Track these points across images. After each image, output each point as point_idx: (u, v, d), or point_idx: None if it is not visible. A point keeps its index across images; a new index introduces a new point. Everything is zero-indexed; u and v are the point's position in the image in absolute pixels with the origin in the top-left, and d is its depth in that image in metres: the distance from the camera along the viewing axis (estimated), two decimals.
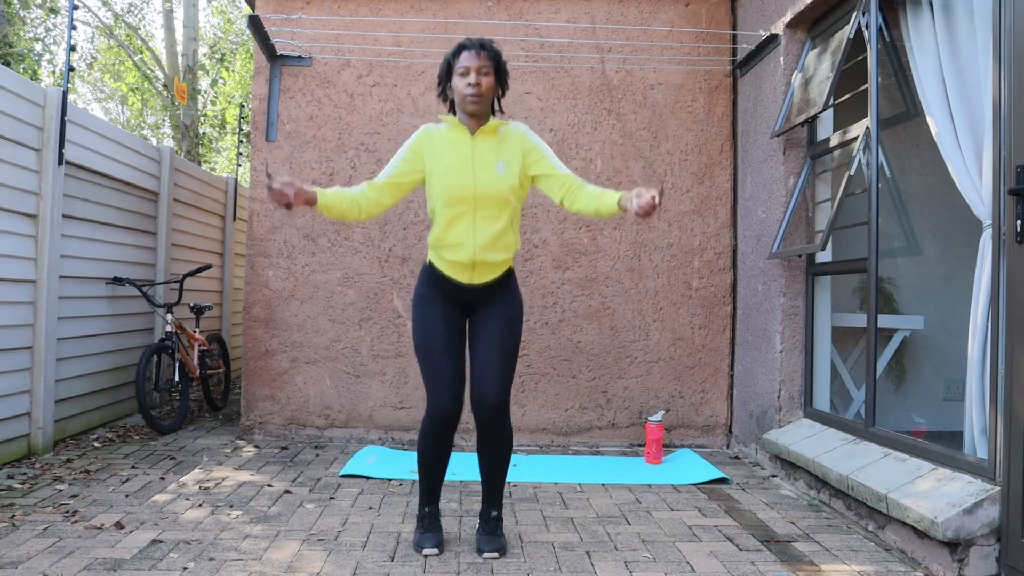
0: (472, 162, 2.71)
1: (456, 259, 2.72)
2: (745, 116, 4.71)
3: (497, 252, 2.74)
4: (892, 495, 2.84)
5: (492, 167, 2.72)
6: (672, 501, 3.56)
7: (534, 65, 4.82)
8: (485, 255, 2.72)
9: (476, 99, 2.67)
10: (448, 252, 2.74)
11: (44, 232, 4.18)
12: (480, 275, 2.75)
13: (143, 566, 2.59)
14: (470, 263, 2.72)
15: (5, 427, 3.93)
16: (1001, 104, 2.60)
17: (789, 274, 4.09)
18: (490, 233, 2.71)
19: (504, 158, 2.74)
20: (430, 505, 2.89)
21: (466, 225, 2.70)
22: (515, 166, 2.75)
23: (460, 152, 2.73)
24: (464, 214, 2.70)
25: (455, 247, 2.72)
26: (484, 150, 2.73)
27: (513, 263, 2.88)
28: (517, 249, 2.84)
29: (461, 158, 2.72)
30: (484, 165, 2.71)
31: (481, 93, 2.67)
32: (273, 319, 4.76)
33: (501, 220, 2.73)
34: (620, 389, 4.79)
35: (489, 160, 2.72)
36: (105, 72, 16.24)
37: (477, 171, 2.71)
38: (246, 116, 10.03)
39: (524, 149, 2.77)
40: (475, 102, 2.67)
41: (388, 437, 4.75)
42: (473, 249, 2.71)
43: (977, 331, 2.87)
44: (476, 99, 2.67)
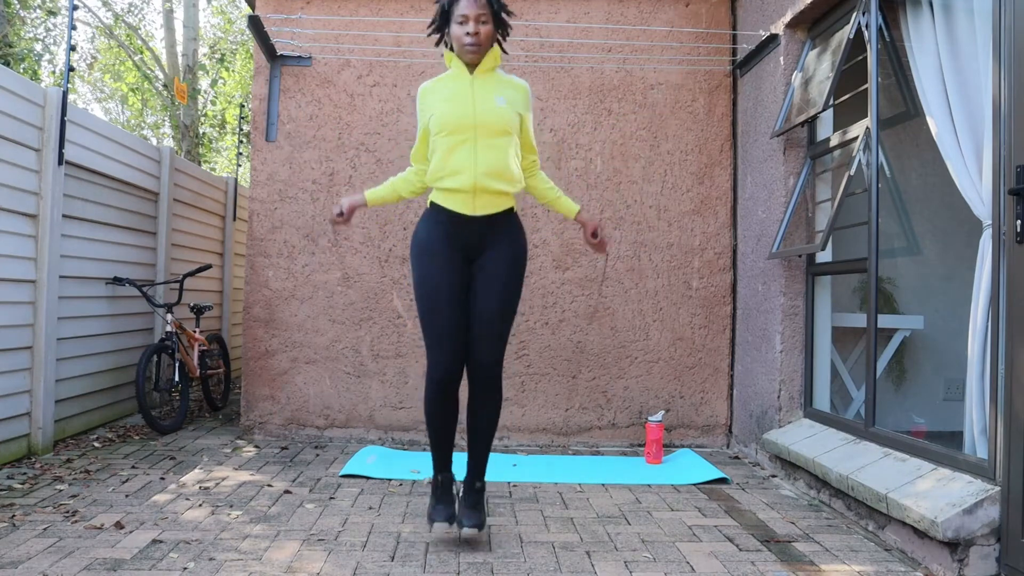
0: (472, 94, 2.75)
1: (456, 185, 2.71)
2: (745, 116, 4.71)
3: (499, 180, 2.73)
4: (892, 495, 2.84)
5: (492, 99, 2.75)
6: (672, 501, 3.56)
7: (534, 65, 4.82)
8: (486, 181, 2.70)
9: (474, 48, 2.70)
10: (448, 180, 2.73)
11: (44, 232, 4.18)
12: (482, 205, 2.73)
13: (143, 566, 2.59)
14: (471, 189, 2.71)
15: (5, 427, 3.93)
16: (1001, 104, 2.60)
17: (789, 274, 4.09)
18: (491, 159, 2.71)
19: (505, 95, 2.78)
20: (442, 472, 2.87)
21: (467, 152, 2.71)
22: (516, 105, 2.79)
23: (460, 86, 2.77)
24: (464, 141, 2.71)
25: (455, 174, 2.71)
26: (484, 84, 2.77)
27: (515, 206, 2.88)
28: (521, 186, 2.84)
29: (461, 90, 2.76)
30: (484, 97, 2.75)
31: (479, 42, 2.69)
32: (273, 319, 4.76)
33: (502, 149, 2.73)
34: (620, 389, 4.79)
35: (489, 93, 2.76)
36: (105, 72, 16.25)
37: (477, 101, 2.73)
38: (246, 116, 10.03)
39: (525, 102, 2.83)
40: (473, 51, 2.71)
41: (388, 437, 4.75)
42: (474, 174, 2.70)
43: (977, 331, 2.87)
44: (474, 48, 2.70)
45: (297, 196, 4.78)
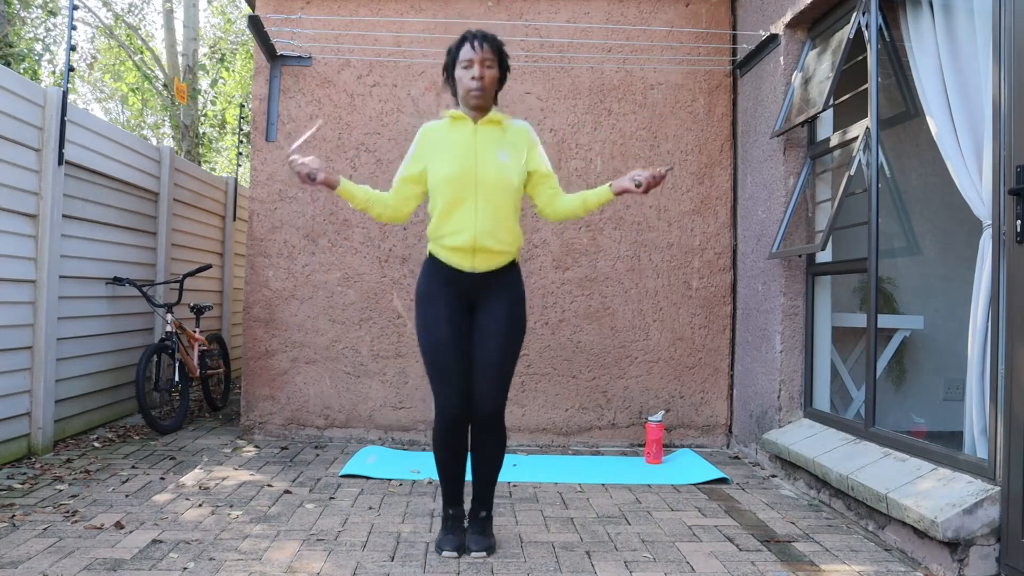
0: (474, 149, 2.73)
1: (456, 244, 2.70)
2: (745, 116, 4.71)
3: (498, 240, 2.71)
4: (892, 495, 2.84)
5: (494, 154, 2.73)
6: (672, 501, 3.56)
7: (534, 65, 4.82)
8: (486, 241, 2.69)
9: (479, 92, 2.69)
10: (448, 239, 2.71)
11: (44, 232, 4.18)
12: (482, 262, 2.73)
13: (143, 566, 2.59)
14: (470, 248, 2.70)
15: (5, 427, 3.93)
16: (1001, 104, 2.60)
17: (789, 274, 4.09)
18: (491, 218, 2.70)
19: (506, 148, 2.75)
20: (453, 507, 2.85)
21: (467, 210, 2.69)
22: (518, 156, 2.77)
23: (462, 139, 2.75)
24: (465, 199, 2.69)
25: (455, 233, 2.70)
26: (486, 138, 2.75)
27: (518, 258, 2.87)
28: (520, 244, 2.82)
29: (463, 144, 2.73)
30: (486, 152, 2.72)
31: (484, 87, 2.69)
32: (273, 319, 4.76)
33: (503, 207, 2.71)
34: (620, 389, 4.79)
35: (491, 148, 2.73)
36: (105, 72, 16.25)
37: (479, 157, 2.71)
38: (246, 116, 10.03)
39: (528, 144, 2.81)
40: (478, 95, 2.70)
41: (388, 437, 4.75)
42: (474, 233, 2.68)
43: (977, 331, 2.87)
44: (479, 92, 2.69)
45: (297, 196, 4.78)
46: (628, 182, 2.74)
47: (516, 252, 2.82)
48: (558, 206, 2.86)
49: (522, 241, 2.86)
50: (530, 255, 4.77)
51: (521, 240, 2.84)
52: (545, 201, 2.86)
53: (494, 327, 2.75)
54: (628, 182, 2.74)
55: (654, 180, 2.72)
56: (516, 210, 2.78)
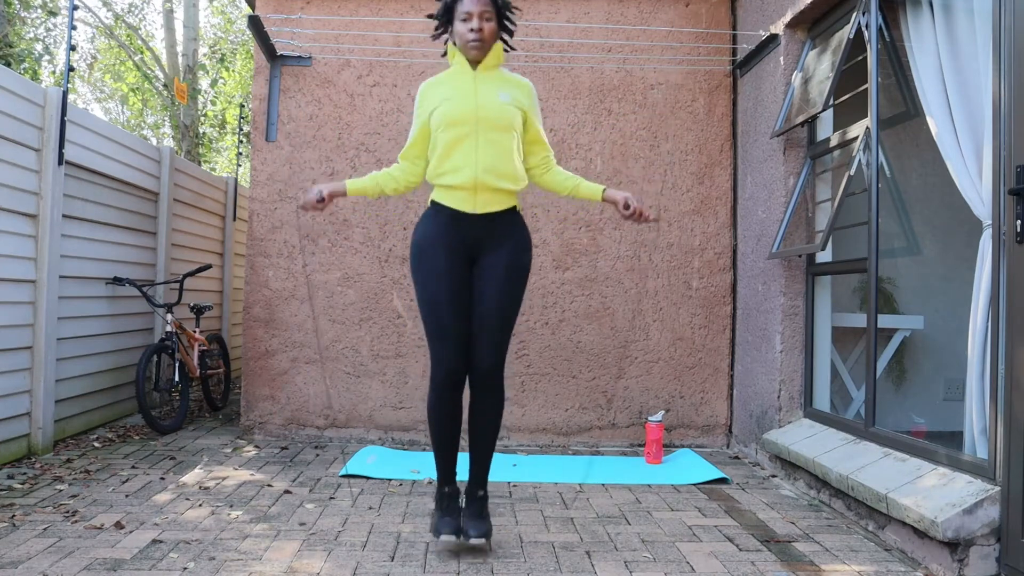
0: (475, 89, 2.73)
1: (457, 182, 2.69)
2: (745, 116, 4.71)
3: (500, 178, 2.70)
4: (892, 495, 2.84)
5: (495, 94, 2.73)
6: (672, 501, 3.56)
7: (534, 65, 4.82)
8: (487, 178, 2.68)
9: (478, 44, 2.69)
10: (448, 176, 2.70)
11: (44, 232, 4.18)
12: (483, 202, 2.70)
13: (143, 566, 2.59)
14: (471, 185, 2.68)
15: (5, 427, 3.93)
16: (1001, 104, 2.60)
17: (789, 274, 4.09)
18: (492, 155, 2.69)
19: (508, 91, 2.76)
20: (448, 485, 2.83)
21: (467, 148, 2.68)
22: (519, 101, 2.77)
23: (462, 81, 2.75)
24: (466, 136, 2.68)
25: (455, 170, 2.69)
26: (486, 80, 2.76)
27: (519, 206, 2.85)
28: (523, 184, 2.80)
29: (463, 85, 2.74)
30: (487, 92, 2.73)
31: (483, 39, 2.69)
32: (273, 319, 4.76)
33: (504, 145, 2.70)
34: (620, 389, 4.79)
35: (492, 88, 2.74)
36: (105, 72, 16.25)
37: (480, 96, 2.72)
38: (246, 116, 10.03)
39: (530, 99, 2.81)
40: (477, 47, 2.70)
41: (388, 437, 4.75)
42: (475, 170, 2.67)
43: (977, 331, 2.87)
44: (478, 44, 2.69)
45: (297, 196, 4.78)
46: (621, 198, 2.79)
47: (518, 193, 2.80)
48: (547, 176, 2.89)
49: (525, 181, 2.83)
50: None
51: (524, 180, 2.81)
52: (535, 163, 2.87)
53: (495, 279, 2.72)
54: (621, 198, 2.79)
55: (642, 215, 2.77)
56: (518, 150, 2.77)
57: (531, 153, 2.87)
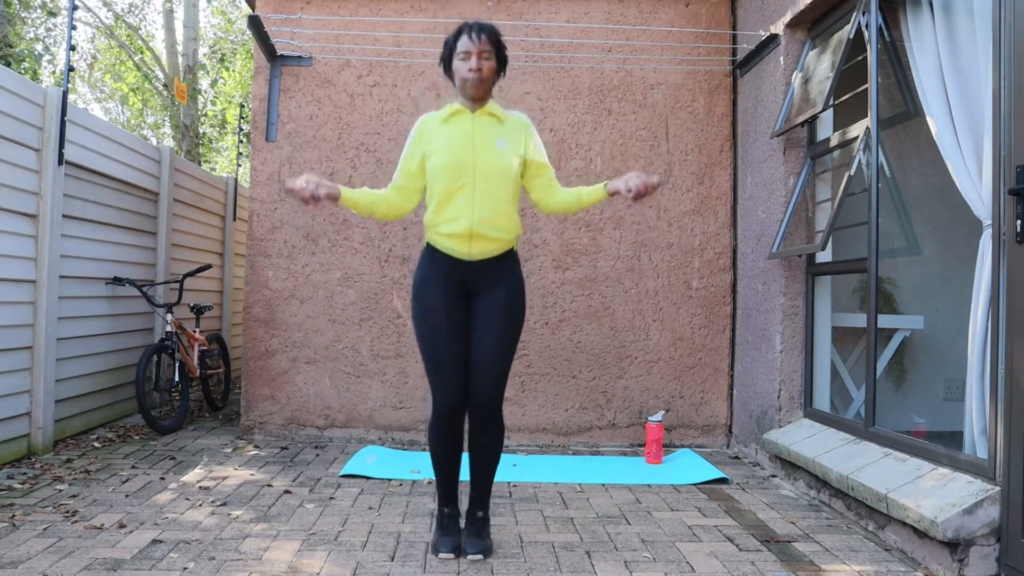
0: (472, 138, 2.73)
1: (453, 231, 2.69)
2: (745, 116, 4.71)
3: (496, 228, 2.71)
4: (892, 495, 2.84)
5: (492, 143, 2.73)
6: (672, 501, 3.56)
7: (534, 65, 4.82)
8: (483, 228, 2.68)
9: (477, 84, 2.70)
10: (445, 226, 2.71)
11: (44, 232, 4.18)
12: (479, 249, 2.71)
13: (143, 566, 2.59)
14: (467, 234, 2.68)
15: (5, 427, 3.93)
16: (1001, 104, 2.60)
17: (789, 274, 4.09)
18: (489, 206, 2.69)
19: (504, 137, 2.76)
20: (448, 506, 2.84)
21: (464, 198, 2.69)
22: (516, 146, 2.77)
23: (460, 129, 2.75)
24: (463, 188, 2.68)
25: (452, 220, 2.69)
26: (484, 127, 2.75)
27: (516, 247, 2.85)
28: (518, 233, 2.81)
29: (461, 134, 2.74)
30: (484, 141, 2.73)
31: (483, 78, 2.70)
32: (273, 319, 4.76)
33: (500, 195, 2.71)
34: (620, 389, 4.79)
35: (489, 137, 2.74)
36: (106, 72, 16.25)
37: (477, 146, 2.72)
38: (246, 116, 10.03)
39: (525, 134, 2.81)
40: (476, 86, 2.70)
41: (388, 437, 4.75)
42: (471, 220, 2.68)
43: (977, 331, 2.87)
44: (477, 84, 2.70)
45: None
46: (622, 185, 2.72)
47: (514, 240, 2.81)
48: (553, 199, 2.87)
49: (521, 230, 2.85)
50: (530, 255, 4.77)
51: (520, 229, 2.83)
52: (540, 193, 2.86)
53: (492, 316, 2.74)
54: (622, 185, 2.72)
55: (645, 188, 2.68)
56: (514, 199, 2.77)
57: (535, 180, 2.84)
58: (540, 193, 2.86)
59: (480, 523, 2.83)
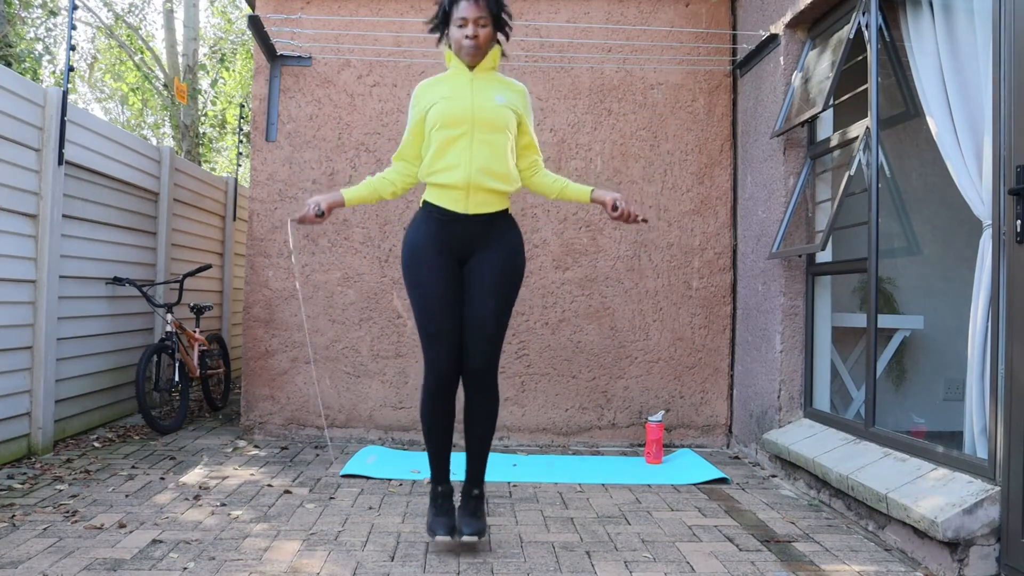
0: (471, 90, 2.74)
1: (450, 181, 2.68)
2: (745, 116, 4.71)
3: (494, 178, 2.70)
4: (892, 495, 2.84)
5: (491, 96, 2.74)
6: (672, 501, 3.56)
7: (534, 65, 4.82)
8: (481, 178, 2.68)
9: (473, 51, 2.70)
10: (442, 175, 2.70)
11: (44, 232, 4.18)
12: (476, 203, 2.70)
13: (143, 566, 2.59)
14: (464, 185, 2.68)
15: (5, 427, 3.93)
16: (1001, 104, 2.60)
17: (789, 274, 4.09)
18: (487, 156, 2.69)
19: (503, 94, 2.77)
20: (441, 484, 2.83)
21: (462, 147, 2.68)
22: (513, 104, 2.77)
23: (458, 83, 2.76)
24: (461, 136, 2.68)
25: (449, 169, 2.69)
26: (482, 82, 2.76)
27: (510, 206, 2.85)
28: (517, 186, 2.81)
29: (459, 86, 2.74)
30: (482, 93, 2.73)
31: (479, 45, 2.70)
32: (273, 319, 4.76)
33: (498, 145, 2.71)
34: (620, 389, 4.79)
35: (487, 91, 2.75)
36: (106, 72, 16.25)
37: (475, 97, 2.72)
38: (246, 116, 10.03)
39: (524, 103, 2.82)
40: (472, 53, 2.71)
41: (388, 437, 4.75)
42: (468, 170, 2.67)
43: (977, 331, 2.87)
44: (473, 51, 2.70)
45: (297, 196, 4.78)
46: (609, 199, 2.80)
47: (510, 194, 2.80)
48: (535, 178, 2.90)
49: (519, 183, 2.84)
50: (530, 255, 4.77)
51: (518, 181, 2.82)
52: (524, 166, 2.88)
53: (487, 280, 2.72)
54: (609, 199, 2.80)
55: (630, 216, 2.77)
56: (512, 151, 2.78)
57: (522, 156, 2.88)
58: (526, 165, 2.88)
59: (475, 501, 2.82)
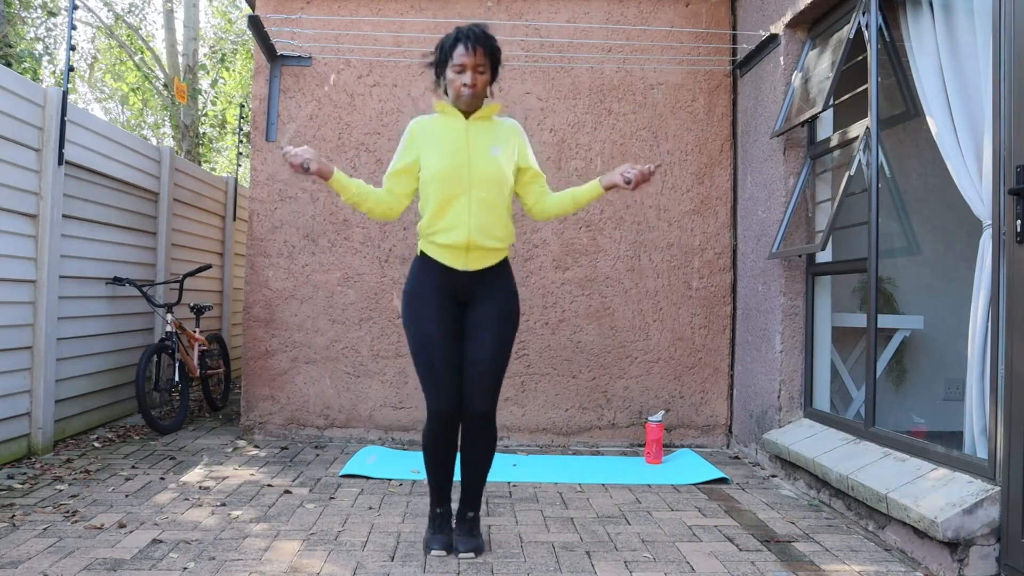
0: (467, 144, 2.71)
1: (450, 242, 2.68)
2: (745, 116, 4.71)
3: (492, 237, 2.70)
4: (892, 495, 2.84)
5: (487, 150, 2.72)
6: (672, 501, 3.56)
7: (534, 65, 4.82)
8: (480, 238, 2.68)
9: (470, 99, 2.69)
10: (441, 236, 2.69)
11: (44, 232, 4.18)
12: (475, 260, 2.71)
13: (143, 566, 2.59)
14: (464, 245, 2.68)
15: (5, 427, 3.93)
16: (1001, 104, 2.60)
17: (789, 274, 4.09)
18: (486, 215, 2.68)
19: (499, 142, 2.75)
20: (441, 506, 2.85)
21: (461, 207, 2.67)
22: (509, 152, 2.76)
23: (454, 135, 2.73)
24: (458, 196, 2.67)
25: (449, 230, 2.68)
26: (478, 134, 2.73)
27: (509, 254, 2.85)
28: (512, 241, 2.81)
29: (455, 140, 2.72)
30: (479, 148, 2.71)
31: (476, 93, 2.68)
32: (273, 319, 4.76)
33: (496, 203, 2.70)
34: (620, 389, 4.79)
35: (484, 143, 2.72)
36: (106, 72, 16.25)
37: (472, 153, 2.70)
38: (246, 116, 10.03)
39: (519, 141, 2.81)
40: (469, 102, 2.69)
41: (388, 437, 4.75)
42: (468, 230, 2.66)
43: (977, 331, 2.87)
44: (470, 99, 2.69)
45: (297, 196, 4.78)
46: (618, 177, 2.75)
47: (508, 248, 2.81)
48: (546, 205, 2.87)
49: (515, 237, 2.85)
50: (530, 255, 4.77)
51: (514, 236, 2.83)
52: (534, 200, 2.86)
53: (485, 326, 2.73)
54: (618, 177, 2.75)
55: (643, 177, 2.72)
56: (509, 206, 2.77)
57: (528, 192, 2.85)
58: (534, 199, 2.86)
59: (470, 522, 2.83)
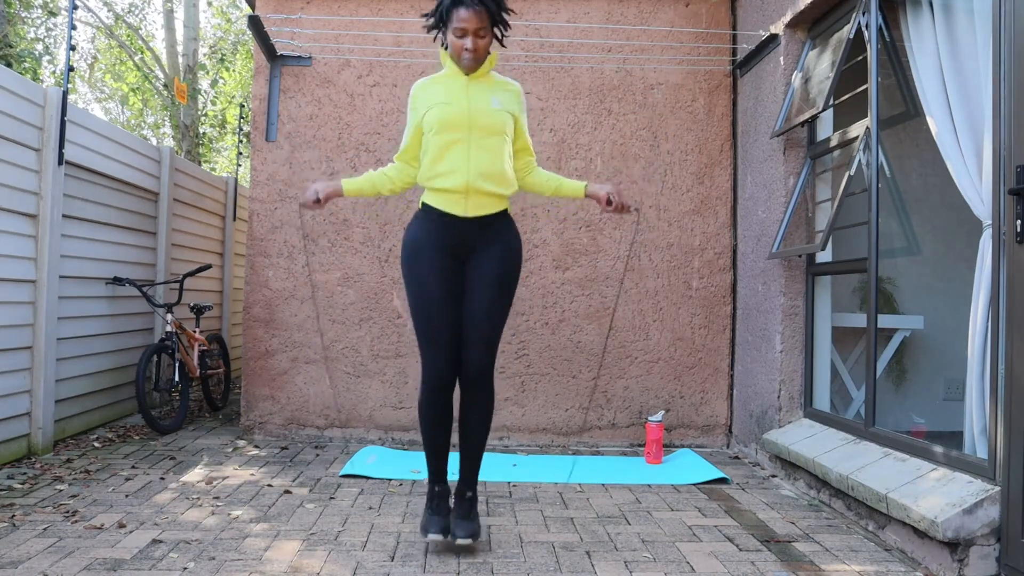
0: (467, 94, 2.74)
1: (449, 186, 2.69)
2: (745, 116, 4.71)
3: (492, 182, 2.71)
4: (892, 495, 2.84)
5: (487, 100, 2.74)
6: (672, 501, 3.56)
7: (534, 65, 4.82)
8: (479, 182, 2.69)
9: (472, 63, 2.71)
10: (441, 180, 2.71)
11: (44, 232, 4.18)
12: (475, 206, 2.72)
13: (143, 566, 2.59)
14: (463, 189, 2.69)
15: (5, 427, 3.93)
16: (1001, 104, 2.60)
17: (789, 274, 4.09)
18: (485, 160, 2.70)
19: (499, 97, 2.78)
20: (438, 484, 2.84)
21: (460, 152, 2.69)
22: (509, 106, 2.78)
23: (455, 86, 2.76)
24: (458, 141, 2.69)
25: (448, 174, 2.69)
26: (478, 86, 2.77)
27: (509, 206, 2.86)
28: (514, 189, 2.82)
29: (456, 90, 2.75)
30: (479, 98, 2.74)
31: (478, 57, 2.70)
32: (273, 319, 4.76)
33: (496, 150, 2.72)
34: (620, 389, 4.79)
35: (484, 95, 2.75)
36: (106, 72, 16.25)
37: (472, 101, 2.73)
38: (246, 116, 10.03)
39: (519, 104, 2.84)
40: (470, 64, 2.72)
41: (388, 437, 4.75)
42: (467, 175, 2.68)
43: (977, 331, 2.87)
44: (472, 63, 2.71)
45: (297, 196, 4.78)
46: (603, 195, 2.84)
47: (509, 197, 2.82)
48: (530, 178, 2.94)
49: (516, 186, 2.86)
50: (530, 255, 4.77)
51: (515, 184, 2.84)
52: (519, 167, 2.91)
53: (486, 281, 2.74)
54: (603, 195, 2.84)
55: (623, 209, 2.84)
56: (509, 154, 2.80)
57: (516, 158, 2.91)
58: (520, 165, 2.91)
59: (469, 503, 2.83)
